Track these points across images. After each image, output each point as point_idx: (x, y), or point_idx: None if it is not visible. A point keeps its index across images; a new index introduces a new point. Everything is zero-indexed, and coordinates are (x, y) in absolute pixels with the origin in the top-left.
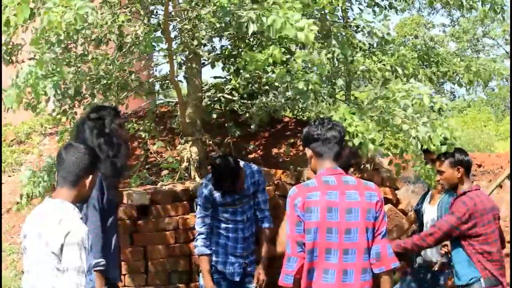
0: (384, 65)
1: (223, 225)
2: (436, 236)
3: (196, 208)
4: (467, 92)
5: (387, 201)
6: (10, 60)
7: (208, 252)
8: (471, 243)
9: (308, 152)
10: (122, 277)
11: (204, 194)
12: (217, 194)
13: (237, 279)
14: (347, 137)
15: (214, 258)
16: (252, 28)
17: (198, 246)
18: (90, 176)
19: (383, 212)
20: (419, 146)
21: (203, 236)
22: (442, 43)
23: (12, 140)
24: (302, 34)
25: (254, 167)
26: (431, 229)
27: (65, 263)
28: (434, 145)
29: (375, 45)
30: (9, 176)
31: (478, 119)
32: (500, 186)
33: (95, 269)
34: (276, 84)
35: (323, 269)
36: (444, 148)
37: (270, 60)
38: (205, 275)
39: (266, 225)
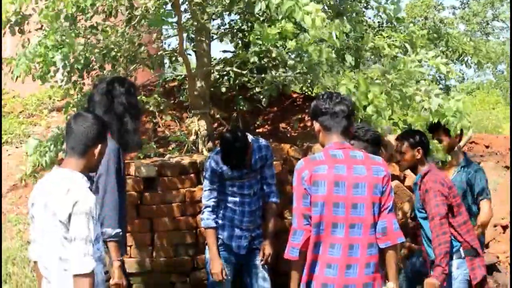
0: (393, 41)
1: (230, 199)
2: (444, 221)
3: (203, 181)
4: (476, 74)
5: (394, 177)
6: (19, 30)
7: (215, 225)
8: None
9: (316, 125)
10: (128, 248)
11: (212, 168)
12: (224, 168)
13: (243, 252)
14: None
15: (220, 231)
16: (260, 6)
17: (205, 219)
18: (99, 146)
19: (389, 187)
20: (431, 119)
21: (209, 209)
22: (452, 25)
23: (20, 112)
24: (309, 18)
25: (262, 141)
26: (435, 222)
27: (72, 232)
28: (445, 117)
29: (384, 24)
30: (17, 147)
31: (486, 101)
32: (507, 167)
33: (112, 239)
34: (286, 58)
35: (329, 243)
36: (455, 125)
37: (282, 34)
38: (211, 248)
39: (272, 199)
